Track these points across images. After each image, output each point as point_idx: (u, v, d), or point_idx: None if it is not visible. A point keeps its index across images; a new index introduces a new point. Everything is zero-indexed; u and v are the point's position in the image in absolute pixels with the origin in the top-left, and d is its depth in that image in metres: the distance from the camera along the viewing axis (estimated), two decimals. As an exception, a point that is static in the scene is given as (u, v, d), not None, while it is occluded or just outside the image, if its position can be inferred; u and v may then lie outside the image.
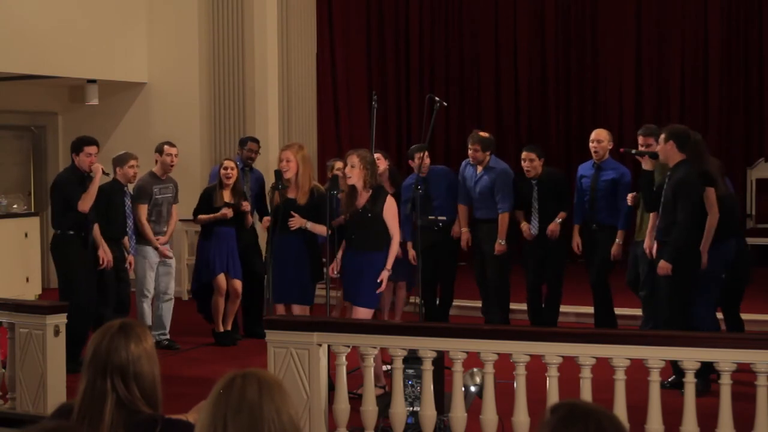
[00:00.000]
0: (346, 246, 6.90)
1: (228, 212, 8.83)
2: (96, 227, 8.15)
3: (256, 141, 9.76)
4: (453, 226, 8.97)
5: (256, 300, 9.40)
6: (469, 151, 8.86)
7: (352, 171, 6.73)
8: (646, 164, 7.18)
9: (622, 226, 8.42)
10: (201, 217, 8.97)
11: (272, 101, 12.21)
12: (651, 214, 7.38)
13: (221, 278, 8.97)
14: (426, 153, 8.68)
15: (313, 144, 12.83)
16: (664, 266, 6.75)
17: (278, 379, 2.49)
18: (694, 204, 6.76)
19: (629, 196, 8.04)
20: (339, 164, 8.69)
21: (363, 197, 6.79)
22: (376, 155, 8.60)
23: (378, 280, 6.70)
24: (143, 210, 8.75)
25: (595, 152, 8.57)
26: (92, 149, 8.03)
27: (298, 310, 7.23)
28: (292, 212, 7.10)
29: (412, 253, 8.47)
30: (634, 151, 7.47)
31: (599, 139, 8.60)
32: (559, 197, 8.75)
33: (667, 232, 6.81)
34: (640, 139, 7.79)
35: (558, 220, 8.71)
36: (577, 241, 8.70)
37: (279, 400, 2.40)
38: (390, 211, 6.79)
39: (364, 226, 6.75)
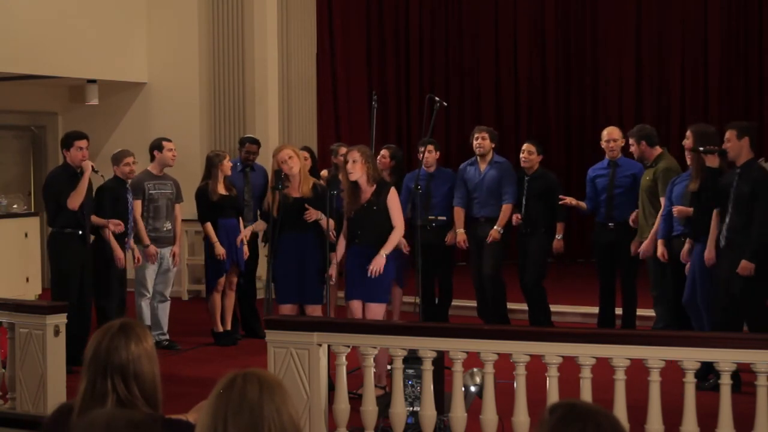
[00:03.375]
0: (351, 243, 6.85)
1: (220, 254, 8.81)
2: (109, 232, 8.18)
3: (256, 142, 9.60)
4: (448, 232, 8.94)
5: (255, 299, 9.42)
6: (476, 141, 8.89)
7: (354, 166, 6.73)
8: (712, 162, 7.07)
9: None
10: (209, 229, 8.88)
11: (272, 101, 12.21)
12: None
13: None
14: (432, 148, 8.75)
15: (313, 143, 12.81)
16: (747, 266, 6.62)
17: (279, 379, 2.49)
18: None
19: (676, 210, 7.64)
20: (343, 150, 8.76)
21: (367, 192, 6.77)
22: (382, 152, 8.71)
23: (371, 268, 6.64)
24: (137, 206, 8.73)
25: (612, 150, 8.59)
26: (82, 143, 7.99)
27: (310, 310, 7.20)
28: (307, 205, 7.05)
29: (405, 245, 8.49)
30: (702, 149, 7.36)
31: (614, 137, 8.62)
32: (546, 198, 8.73)
33: (739, 230, 6.71)
34: (631, 140, 8.17)
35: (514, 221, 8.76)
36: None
37: (279, 400, 2.40)
38: (393, 200, 6.79)
39: (370, 220, 6.71)
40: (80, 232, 7.98)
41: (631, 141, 8.28)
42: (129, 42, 12.43)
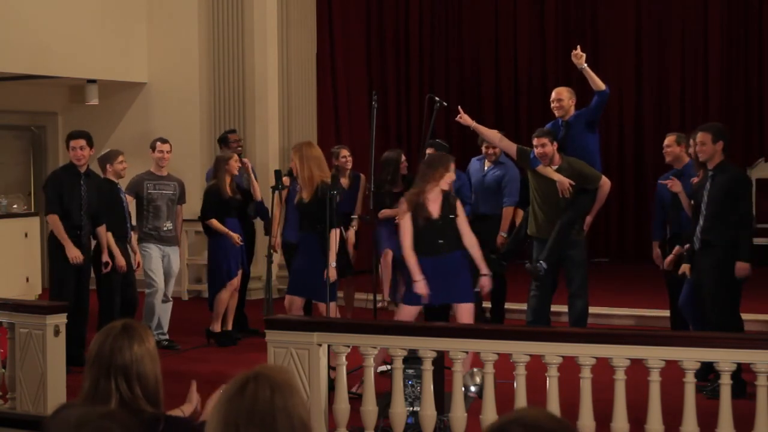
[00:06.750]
0: (429, 252, 6.72)
1: (238, 239, 8.82)
2: (109, 234, 8.18)
3: (233, 131, 9.90)
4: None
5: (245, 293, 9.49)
6: (484, 149, 8.96)
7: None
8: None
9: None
10: (217, 224, 8.84)
11: (272, 101, 12.21)
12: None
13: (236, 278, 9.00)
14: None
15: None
16: (744, 267, 6.66)
17: (288, 377, 2.44)
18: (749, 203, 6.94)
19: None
20: (344, 152, 8.83)
21: (436, 203, 6.74)
22: (403, 158, 8.81)
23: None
24: (130, 202, 8.69)
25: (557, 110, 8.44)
26: (76, 142, 8.01)
27: (323, 308, 7.23)
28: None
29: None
30: None
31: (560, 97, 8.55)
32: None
33: (712, 232, 6.77)
34: (535, 141, 7.73)
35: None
36: None
37: (290, 402, 2.36)
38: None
39: (447, 230, 6.73)
40: (78, 233, 7.99)
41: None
42: (129, 42, 12.43)
